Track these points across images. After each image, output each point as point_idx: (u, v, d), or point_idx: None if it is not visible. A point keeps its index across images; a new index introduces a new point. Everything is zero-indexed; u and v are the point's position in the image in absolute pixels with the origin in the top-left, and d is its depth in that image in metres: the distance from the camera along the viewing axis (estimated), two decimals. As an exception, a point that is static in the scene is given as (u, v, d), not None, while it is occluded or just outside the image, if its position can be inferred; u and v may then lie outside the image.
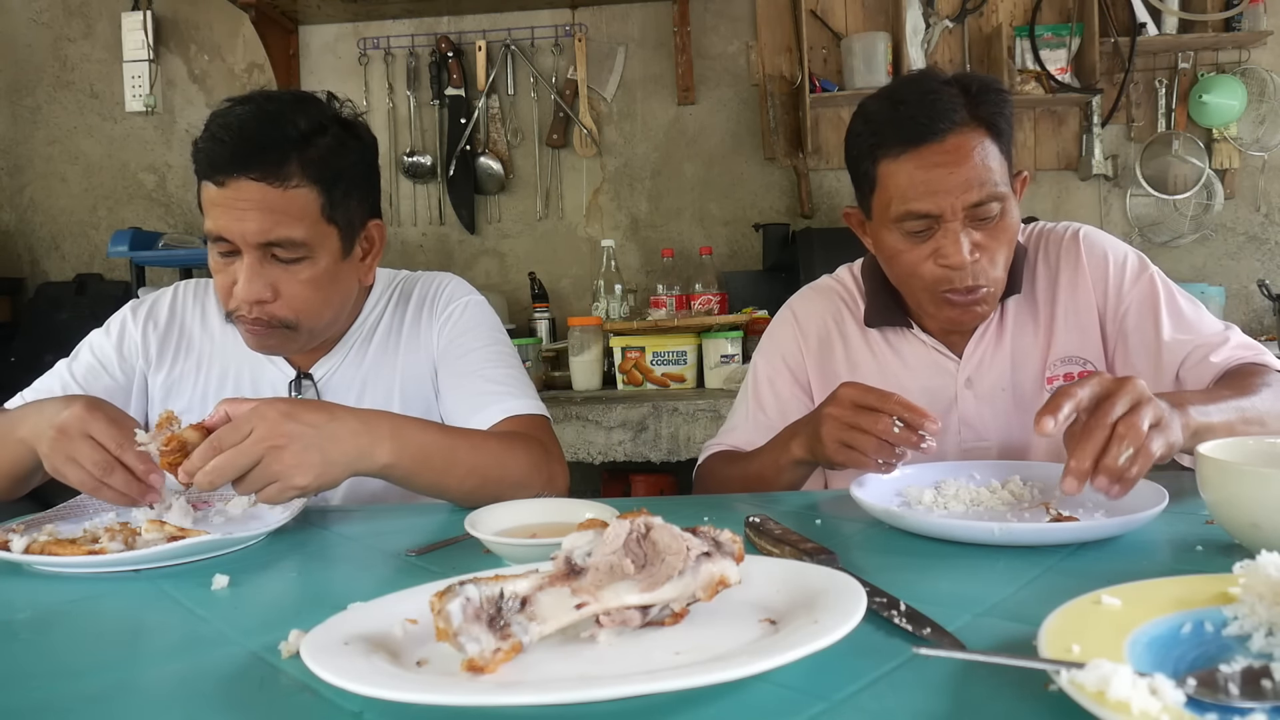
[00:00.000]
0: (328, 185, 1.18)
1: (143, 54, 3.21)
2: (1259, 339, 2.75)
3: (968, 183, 1.14)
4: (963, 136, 1.15)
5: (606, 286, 2.86)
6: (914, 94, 1.17)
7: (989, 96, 1.17)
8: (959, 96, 1.16)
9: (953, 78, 1.19)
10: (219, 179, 1.14)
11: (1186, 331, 1.22)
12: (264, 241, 1.15)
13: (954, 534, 0.85)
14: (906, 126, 1.15)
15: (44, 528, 0.95)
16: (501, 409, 1.25)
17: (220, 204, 1.14)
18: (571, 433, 2.43)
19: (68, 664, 0.66)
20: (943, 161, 1.14)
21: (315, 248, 1.19)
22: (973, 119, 1.15)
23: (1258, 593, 0.57)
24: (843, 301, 1.40)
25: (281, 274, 1.18)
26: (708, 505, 1.09)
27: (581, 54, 3.11)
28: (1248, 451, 0.86)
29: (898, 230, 1.19)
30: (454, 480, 1.09)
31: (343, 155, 1.21)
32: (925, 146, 1.15)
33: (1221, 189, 2.96)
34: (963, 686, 0.54)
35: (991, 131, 1.16)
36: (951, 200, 1.14)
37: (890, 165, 1.17)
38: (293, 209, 1.15)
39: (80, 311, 2.96)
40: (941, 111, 1.14)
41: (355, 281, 1.30)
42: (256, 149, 1.13)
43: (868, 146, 1.20)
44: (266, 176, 1.13)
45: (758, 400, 1.40)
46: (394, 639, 0.61)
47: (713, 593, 0.62)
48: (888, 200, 1.19)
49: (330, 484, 0.98)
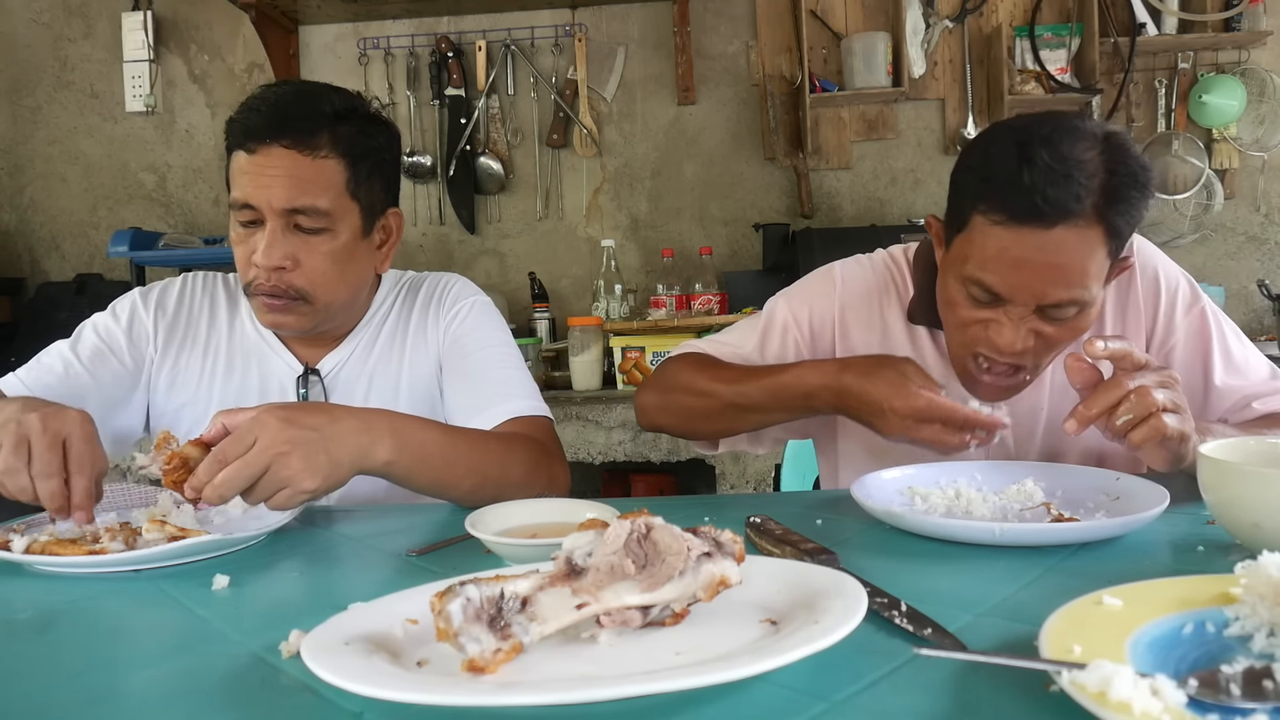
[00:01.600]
0: (354, 161, 1.21)
1: (143, 54, 3.21)
2: (1259, 339, 2.76)
3: (1054, 281, 1.01)
4: (1073, 231, 0.99)
5: (606, 286, 2.86)
6: (1050, 156, 0.98)
7: (1127, 196, 0.99)
8: (1096, 177, 0.98)
9: (1106, 139, 1.00)
10: (251, 146, 1.17)
11: (1237, 377, 1.19)
12: (289, 207, 1.17)
13: (955, 534, 0.85)
14: (1020, 196, 0.98)
15: (45, 528, 0.95)
16: (505, 410, 1.25)
17: (250, 171, 1.17)
18: (571, 433, 2.43)
19: (68, 664, 0.66)
20: (1041, 249, 0.99)
21: (337, 220, 1.21)
22: (1094, 214, 0.98)
23: (1259, 593, 0.57)
24: (892, 284, 1.29)
25: (302, 244, 1.20)
26: (708, 506, 1.09)
27: (581, 54, 3.11)
28: (1249, 452, 0.86)
29: (964, 287, 1.08)
30: (454, 479, 1.09)
31: (371, 137, 1.25)
32: (1028, 228, 0.99)
33: (1221, 189, 2.96)
34: (964, 687, 0.54)
35: (1109, 232, 1.00)
36: (1028, 292, 1.02)
37: (985, 224, 1.03)
38: (320, 178, 1.18)
39: (80, 311, 2.90)
40: (1066, 195, 0.97)
41: (371, 268, 1.31)
42: (292, 118, 1.18)
43: (974, 188, 1.05)
44: (298, 144, 1.17)
45: (763, 340, 1.30)
46: (394, 639, 0.61)
47: (713, 593, 0.62)
48: (967, 254, 1.06)
49: (337, 484, 0.98)
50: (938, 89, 3.07)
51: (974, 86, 3.04)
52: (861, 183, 3.12)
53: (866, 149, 3.11)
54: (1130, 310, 1.22)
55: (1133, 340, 1.19)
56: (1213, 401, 1.19)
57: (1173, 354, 1.21)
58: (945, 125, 3.08)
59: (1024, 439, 1.24)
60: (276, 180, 1.17)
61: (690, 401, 1.24)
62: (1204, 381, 1.20)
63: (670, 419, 1.30)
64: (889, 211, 3.09)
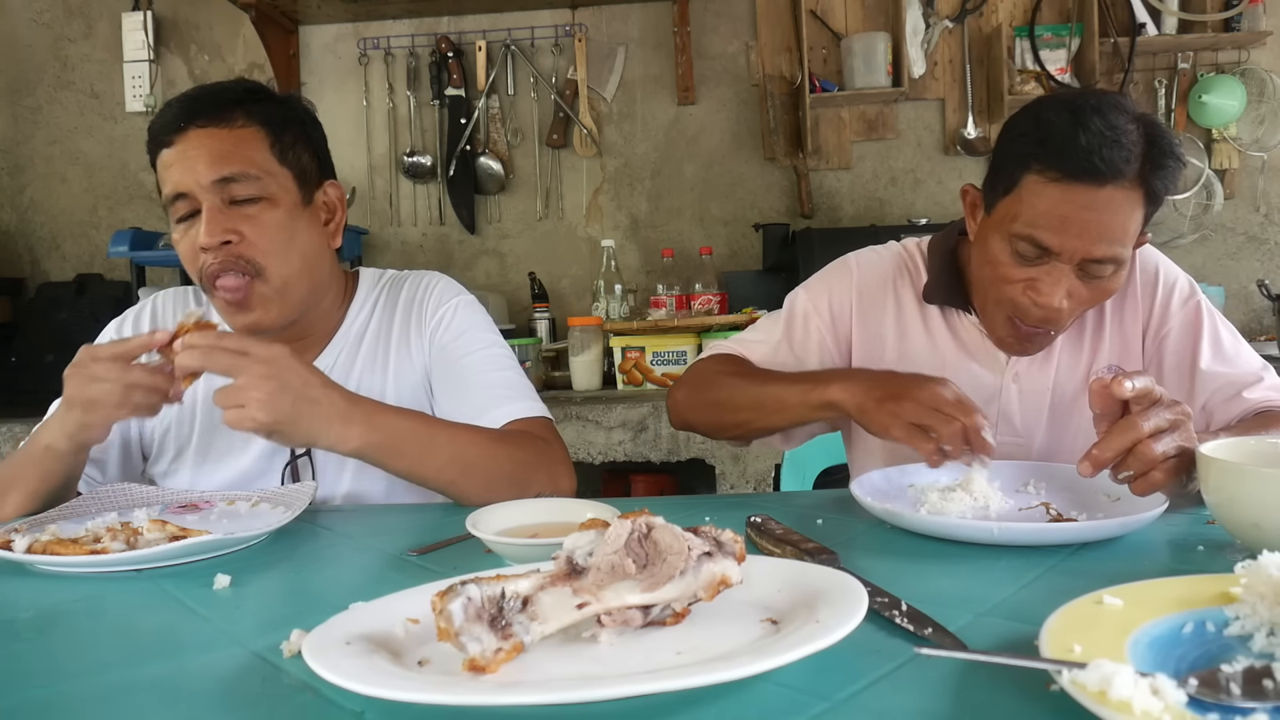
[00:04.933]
0: (275, 129, 1.21)
1: (143, 54, 3.21)
2: (1259, 339, 2.76)
3: (1100, 237, 1.08)
4: (1121, 190, 1.07)
5: (606, 286, 2.86)
6: (1101, 123, 1.07)
7: (1166, 164, 1.09)
8: (1139, 145, 1.08)
9: (1141, 118, 1.10)
10: (169, 138, 1.17)
11: (1224, 364, 1.22)
12: (218, 178, 1.15)
13: (955, 534, 0.86)
14: (1076, 156, 1.07)
15: (46, 528, 0.95)
16: (501, 414, 1.22)
17: (173, 162, 1.17)
18: (571, 433, 2.43)
19: (69, 664, 0.66)
20: (1090, 207, 1.07)
21: (271, 185, 1.19)
22: (1138, 178, 1.08)
23: (1259, 593, 0.58)
24: (906, 269, 1.36)
25: (241, 217, 1.17)
26: (709, 505, 1.09)
27: (581, 54, 3.11)
28: (1249, 452, 0.86)
29: (1009, 244, 1.14)
30: (431, 469, 1.10)
31: (287, 107, 1.25)
32: (1082, 185, 1.07)
33: (1221, 189, 2.96)
34: (964, 686, 0.54)
35: (1148, 196, 1.10)
36: (1075, 246, 1.09)
37: (1038, 183, 1.10)
38: (242, 145, 1.18)
39: (80, 312, 2.96)
40: (1117, 158, 1.06)
41: (324, 244, 1.28)
42: (202, 101, 1.19)
43: (1027, 150, 1.12)
44: (213, 121, 1.17)
45: (788, 331, 1.35)
46: (395, 639, 0.61)
47: (714, 593, 0.62)
48: (1016, 212, 1.12)
49: (284, 436, 1.02)
50: (938, 89, 3.07)
51: (974, 87, 3.04)
52: (861, 183, 3.12)
53: (866, 149, 3.11)
54: (1129, 303, 1.27)
55: (1129, 330, 1.27)
56: (1198, 385, 1.22)
57: (1165, 342, 1.26)
58: (945, 125, 3.07)
59: (1032, 418, 1.29)
60: (199, 158, 1.16)
61: (721, 402, 1.28)
62: (1191, 366, 1.23)
63: (700, 418, 1.33)
64: (889, 211, 3.09)
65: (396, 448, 1.08)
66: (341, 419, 1.03)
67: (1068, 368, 1.29)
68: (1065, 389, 1.28)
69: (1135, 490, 0.89)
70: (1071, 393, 1.28)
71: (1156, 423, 0.88)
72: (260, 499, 1.13)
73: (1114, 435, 0.88)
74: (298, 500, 1.07)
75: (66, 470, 1.12)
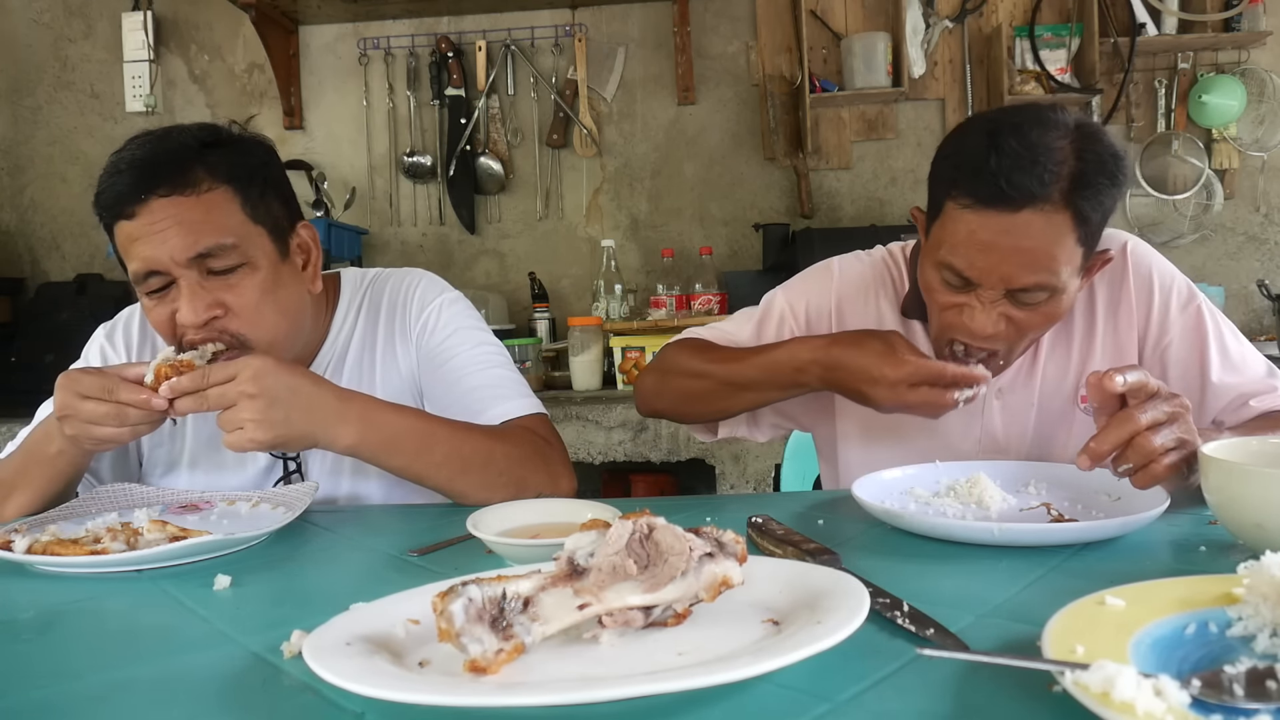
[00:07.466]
0: (242, 184, 1.12)
1: (143, 54, 3.21)
2: (1259, 339, 2.76)
3: (1022, 264, 1.03)
4: (1040, 216, 1.01)
5: (606, 286, 2.86)
6: (1018, 144, 1.01)
7: (1095, 183, 1.01)
8: (1065, 164, 1.00)
9: (1078, 131, 1.03)
10: (129, 210, 1.09)
11: (1234, 374, 1.19)
12: (194, 254, 1.07)
13: (956, 534, 0.85)
14: (986, 183, 1.01)
15: (46, 528, 0.95)
16: (496, 413, 1.20)
17: (138, 236, 1.08)
18: (571, 433, 2.43)
19: (69, 664, 0.66)
20: (1007, 232, 1.02)
21: (249, 250, 1.11)
22: (1062, 200, 1.00)
23: (1262, 593, 0.57)
24: (889, 278, 1.32)
25: (224, 288, 1.10)
26: (710, 506, 1.09)
27: (581, 54, 3.11)
28: (1251, 452, 0.86)
29: (938, 272, 1.11)
30: (429, 466, 1.10)
31: (248, 155, 1.16)
32: (994, 212, 1.02)
33: (1221, 189, 2.96)
34: (966, 687, 0.54)
35: (1076, 219, 1.02)
36: (995, 276, 1.05)
37: (955, 209, 1.06)
38: (214, 213, 1.09)
39: (80, 312, 2.95)
40: (1032, 179, 0.99)
41: (304, 290, 1.21)
42: (158, 165, 1.08)
43: (948, 175, 1.08)
44: (175, 188, 1.07)
45: (759, 330, 1.32)
46: (396, 639, 0.61)
47: (715, 593, 0.62)
48: (940, 239, 1.09)
49: (287, 445, 1.02)
50: (938, 89, 3.07)
51: (974, 87, 3.04)
52: (861, 183, 3.12)
53: (866, 149, 3.11)
54: (1123, 308, 1.22)
55: (1124, 338, 1.22)
56: (1209, 399, 1.19)
57: (1168, 352, 1.21)
58: (945, 125, 3.07)
59: (1016, 435, 1.26)
60: (169, 233, 1.06)
61: (686, 383, 1.27)
62: (1200, 379, 1.20)
63: (667, 402, 1.32)
64: (889, 211, 3.09)
65: (393, 444, 1.08)
66: (336, 417, 1.03)
67: (1054, 379, 1.24)
68: (1052, 401, 1.24)
69: (1136, 483, 0.88)
70: (1058, 405, 1.24)
71: (1154, 415, 0.87)
72: (260, 499, 1.13)
73: (1112, 428, 0.88)
74: (298, 501, 1.07)
75: (77, 471, 1.13)
